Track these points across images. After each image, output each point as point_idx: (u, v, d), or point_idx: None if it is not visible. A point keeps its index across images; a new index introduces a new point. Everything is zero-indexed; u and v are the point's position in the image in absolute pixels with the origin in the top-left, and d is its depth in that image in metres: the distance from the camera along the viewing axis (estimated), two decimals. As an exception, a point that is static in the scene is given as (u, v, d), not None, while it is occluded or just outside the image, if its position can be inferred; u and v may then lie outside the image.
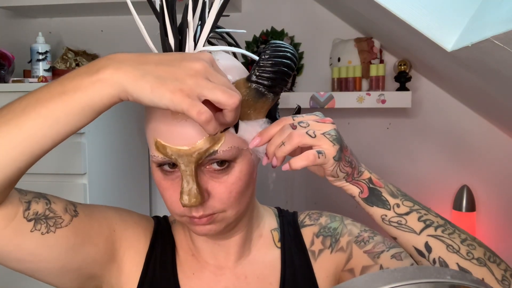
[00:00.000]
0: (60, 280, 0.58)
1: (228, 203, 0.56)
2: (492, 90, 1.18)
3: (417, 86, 1.69)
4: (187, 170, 0.53)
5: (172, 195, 0.56)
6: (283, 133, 0.51)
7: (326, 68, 1.73)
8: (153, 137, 0.54)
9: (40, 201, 0.55)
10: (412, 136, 1.73)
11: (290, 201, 1.77)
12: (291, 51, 0.54)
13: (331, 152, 0.50)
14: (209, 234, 0.58)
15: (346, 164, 0.52)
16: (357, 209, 1.12)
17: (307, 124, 0.51)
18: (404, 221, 0.53)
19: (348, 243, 0.65)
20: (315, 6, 1.73)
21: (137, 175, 1.76)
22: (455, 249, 0.51)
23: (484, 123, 1.68)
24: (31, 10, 1.78)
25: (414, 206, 0.54)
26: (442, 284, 0.32)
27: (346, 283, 0.33)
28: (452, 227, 0.53)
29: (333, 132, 0.51)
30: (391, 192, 0.54)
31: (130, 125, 1.69)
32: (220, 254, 0.66)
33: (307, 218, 0.71)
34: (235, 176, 0.56)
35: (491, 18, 0.72)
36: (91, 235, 0.59)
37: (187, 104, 0.43)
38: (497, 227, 1.69)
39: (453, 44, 0.88)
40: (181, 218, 0.58)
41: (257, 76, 0.52)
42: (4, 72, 1.48)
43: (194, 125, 0.52)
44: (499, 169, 1.67)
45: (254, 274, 0.66)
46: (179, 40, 0.52)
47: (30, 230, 0.53)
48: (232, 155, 0.54)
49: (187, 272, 0.66)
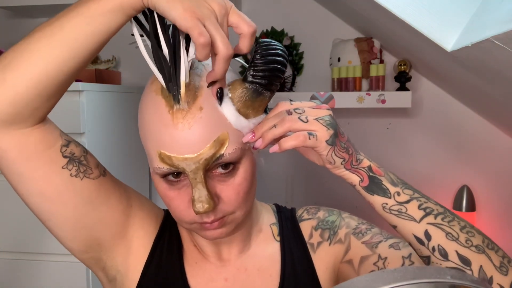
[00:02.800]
0: (70, 235, 0.60)
1: (236, 204, 0.56)
2: (492, 90, 1.18)
3: (417, 86, 1.69)
4: (196, 178, 0.53)
5: (180, 204, 0.56)
6: (277, 117, 0.53)
7: (326, 68, 1.73)
8: (155, 149, 0.54)
9: (79, 147, 0.59)
10: (412, 136, 1.73)
11: (290, 201, 1.77)
12: (281, 48, 0.55)
13: (323, 135, 0.51)
14: (220, 237, 0.59)
15: (341, 149, 0.53)
16: (357, 209, 1.12)
17: (302, 110, 0.52)
18: (405, 209, 0.53)
19: (346, 235, 0.66)
20: (315, 6, 1.73)
21: (137, 175, 1.76)
22: (454, 236, 0.51)
23: (484, 123, 1.68)
24: (31, 10, 1.78)
25: (414, 194, 0.54)
26: (442, 284, 0.32)
27: (346, 283, 0.33)
28: (451, 215, 0.53)
29: (328, 117, 0.52)
30: (391, 181, 0.55)
31: (130, 125, 1.69)
32: (222, 251, 0.67)
33: (305, 212, 0.72)
34: (240, 176, 0.56)
35: (491, 18, 0.72)
36: (111, 199, 0.61)
37: (192, 23, 0.45)
38: (497, 227, 1.69)
39: (453, 44, 0.87)
40: (191, 226, 0.58)
41: (253, 76, 0.53)
42: (4, 72, 1.47)
43: (198, 131, 0.52)
44: (499, 169, 1.68)
45: (254, 267, 0.67)
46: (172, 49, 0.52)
47: (62, 166, 0.56)
48: (237, 156, 0.55)
49: (190, 261, 0.67)
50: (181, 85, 0.51)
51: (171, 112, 0.52)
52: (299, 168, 1.78)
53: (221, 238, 0.60)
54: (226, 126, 0.54)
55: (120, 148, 1.61)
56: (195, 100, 0.52)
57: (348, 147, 0.54)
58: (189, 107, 0.52)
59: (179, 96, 0.52)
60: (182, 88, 0.51)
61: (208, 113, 0.52)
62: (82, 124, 1.35)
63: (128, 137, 1.68)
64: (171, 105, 0.52)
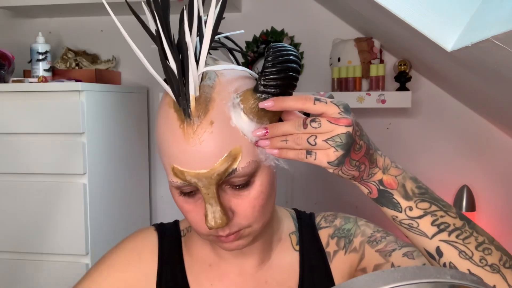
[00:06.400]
0: None
1: (252, 218, 0.55)
2: (492, 90, 1.18)
3: (417, 86, 1.69)
4: (208, 193, 0.52)
5: (196, 217, 0.56)
6: (292, 126, 0.50)
7: (326, 68, 1.73)
8: (169, 163, 0.53)
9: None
10: (412, 136, 1.73)
11: (290, 201, 1.77)
12: (294, 52, 0.53)
13: (326, 157, 0.49)
14: (237, 249, 0.58)
15: (351, 168, 0.51)
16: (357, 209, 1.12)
17: (319, 124, 0.49)
18: (416, 224, 0.51)
19: (361, 243, 0.65)
20: (315, 6, 1.73)
21: (137, 175, 1.76)
22: (468, 255, 0.50)
23: (484, 123, 1.68)
24: (31, 10, 1.78)
25: (430, 207, 0.52)
26: (442, 284, 0.32)
27: (346, 283, 0.33)
28: (470, 230, 0.51)
29: (340, 138, 0.48)
30: (404, 194, 0.52)
31: (130, 125, 1.69)
32: (243, 261, 0.66)
33: (323, 220, 0.71)
34: (256, 190, 0.54)
35: (491, 18, 0.71)
36: None
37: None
38: (497, 227, 1.69)
39: (453, 44, 0.87)
40: (208, 238, 0.58)
41: (264, 86, 0.51)
42: (4, 72, 1.48)
43: (209, 146, 0.51)
44: (499, 169, 1.68)
45: (274, 279, 0.66)
46: (180, 62, 0.50)
47: None
48: (252, 170, 0.53)
49: (205, 284, 0.65)
50: (190, 99, 0.50)
51: (182, 127, 0.51)
52: (299, 168, 1.78)
53: (239, 249, 0.59)
54: (239, 139, 0.52)
55: (120, 147, 1.60)
56: (206, 114, 0.51)
57: (361, 164, 0.51)
58: (200, 121, 0.50)
59: (189, 111, 0.50)
60: (191, 102, 0.50)
61: (220, 127, 0.51)
62: (82, 124, 1.35)
63: (128, 137, 1.68)
64: (182, 119, 0.51)
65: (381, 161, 0.53)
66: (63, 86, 1.37)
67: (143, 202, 1.81)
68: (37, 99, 1.37)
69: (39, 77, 1.51)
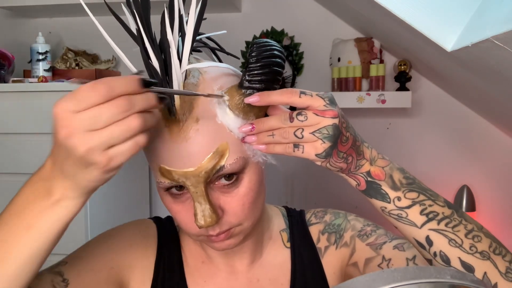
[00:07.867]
0: None
1: (242, 215, 0.55)
2: (492, 90, 1.18)
3: (417, 86, 1.69)
4: (197, 191, 0.51)
5: (185, 217, 0.55)
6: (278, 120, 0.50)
7: (326, 68, 1.73)
8: (156, 163, 0.53)
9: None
10: (412, 136, 1.73)
11: (290, 202, 1.77)
12: (278, 48, 0.53)
13: (314, 150, 0.49)
14: (228, 248, 0.58)
15: (338, 160, 0.51)
16: (357, 209, 1.12)
17: (305, 117, 0.49)
18: (405, 214, 0.52)
19: (351, 237, 0.65)
20: (315, 6, 1.73)
21: (137, 175, 1.76)
22: (458, 243, 0.50)
23: (484, 123, 1.68)
24: (31, 10, 1.78)
25: (418, 197, 0.52)
26: (442, 284, 0.32)
27: (346, 283, 0.33)
28: (458, 218, 0.52)
29: (327, 129, 0.48)
30: (392, 185, 0.52)
31: (130, 125, 1.68)
32: (234, 260, 0.66)
33: (313, 216, 0.71)
34: (245, 187, 0.54)
35: (491, 18, 0.71)
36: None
37: None
38: (497, 227, 1.69)
39: (453, 44, 0.87)
40: (199, 238, 0.57)
41: (249, 81, 0.51)
42: (4, 72, 1.48)
43: (195, 144, 0.50)
44: (499, 169, 1.67)
45: (266, 277, 0.66)
46: (163, 61, 0.50)
47: None
48: (240, 166, 0.53)
49: (198, 280, 0.65)
50: (174, 97, 0.50)
51: (168, 126, 0.51)
52: (299, 168, 1.78)
53: (230, 248, 0.58)
54: (225, 136, 0.52)
55: (120, 148, 1.60)
56: (191, 112, 0.51)
57: (348, 156, 0.51)
58: (185, 119, 0.50)
59: (174, 109, 0.50)
60: (176, 100, 0.50)
61: (206, 124, 0.51)
62: (82, 124, 1.35)
63: (128, 137, 1.67)
64: (167, 118, 0.50)
65: (368, 152, 0.53)
66: (63, 86, 1.37)
67: (143, 202, 1.81)
68: (37, 99, 1.37)
69: (39, 77, 1.51)
